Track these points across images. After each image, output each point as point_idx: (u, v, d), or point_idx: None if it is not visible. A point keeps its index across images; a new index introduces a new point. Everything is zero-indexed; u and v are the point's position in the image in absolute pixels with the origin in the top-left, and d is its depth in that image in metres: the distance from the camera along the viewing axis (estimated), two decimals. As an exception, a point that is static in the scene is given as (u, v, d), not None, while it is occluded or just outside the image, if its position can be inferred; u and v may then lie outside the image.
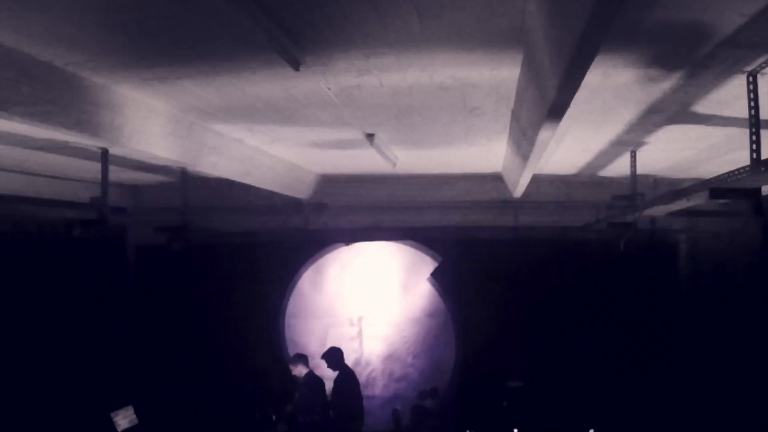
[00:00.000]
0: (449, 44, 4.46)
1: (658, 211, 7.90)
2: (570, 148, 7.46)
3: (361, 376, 11.14)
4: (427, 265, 11.46)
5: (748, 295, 9.19)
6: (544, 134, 4.81)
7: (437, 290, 11.45)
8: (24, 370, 8.78)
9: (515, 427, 9.77)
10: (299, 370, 10.17)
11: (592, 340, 10.68)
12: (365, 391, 10.83)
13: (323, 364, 10.27)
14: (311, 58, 4.65)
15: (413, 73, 4.97)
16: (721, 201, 6.47)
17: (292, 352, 11.09)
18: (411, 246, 11.40)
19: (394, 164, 8.33)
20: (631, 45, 4.33)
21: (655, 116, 6.01)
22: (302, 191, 10.12)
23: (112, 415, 9.26)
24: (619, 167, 8.49)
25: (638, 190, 7.88)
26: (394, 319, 11.69)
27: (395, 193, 10.70)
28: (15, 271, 8.73)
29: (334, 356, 10.13)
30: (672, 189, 6.99)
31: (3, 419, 8.19)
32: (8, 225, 8.60)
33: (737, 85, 5.04)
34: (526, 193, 8.78)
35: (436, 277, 11.30)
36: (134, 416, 9.57)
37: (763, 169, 5.18)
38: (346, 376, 10.10)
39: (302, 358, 10.30)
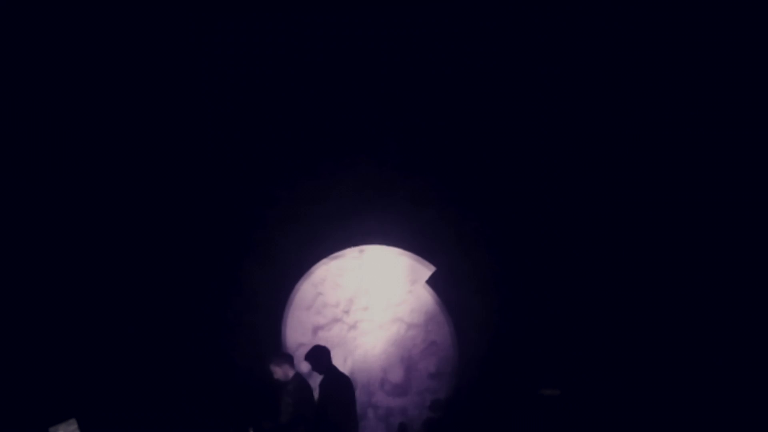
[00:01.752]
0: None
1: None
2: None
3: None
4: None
5: None
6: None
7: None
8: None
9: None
10: (284, 373, 8.93)
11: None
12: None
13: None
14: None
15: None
16: None
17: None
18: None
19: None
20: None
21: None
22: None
23: (51, 430, 8.23)
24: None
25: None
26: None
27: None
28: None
29: (318, 356, 8.88)
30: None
31: None
32: None
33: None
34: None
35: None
36: (78, 432, 8.52)
37: None
38: (335, 380, 8.82)
39: (287, 358, 9.07)
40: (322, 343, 10.71)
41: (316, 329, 11.04)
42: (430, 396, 10.73)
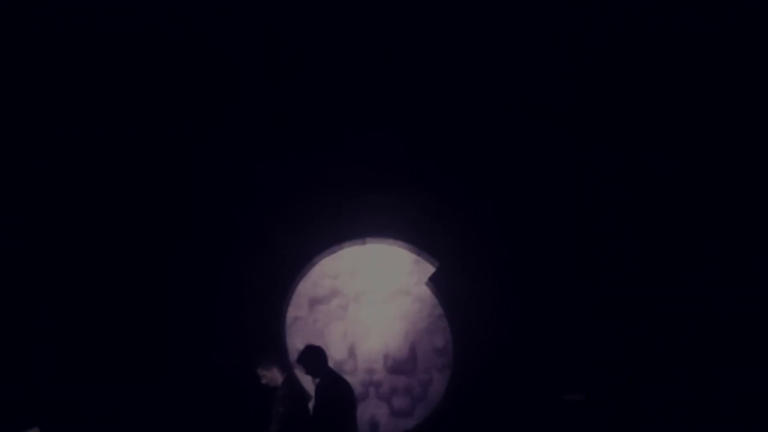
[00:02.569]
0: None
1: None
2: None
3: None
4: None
5: None
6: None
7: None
8: None
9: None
10: (273, 377, 8.09)
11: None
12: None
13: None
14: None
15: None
16: None
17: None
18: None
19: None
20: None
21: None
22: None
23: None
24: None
25: None
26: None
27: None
28: None
29: (313, 358, 8.00)
30: None
31: None
32: None
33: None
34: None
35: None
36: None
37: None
38: (333, 385, 7.98)
39: (276, 360, 8.22)
40: (320, 316, 10.17)
41: (314, 302, 10.40)
42: (437, 373, 10.17)
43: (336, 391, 8.02)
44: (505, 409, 9.02)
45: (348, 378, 9.47)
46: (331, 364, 8.86)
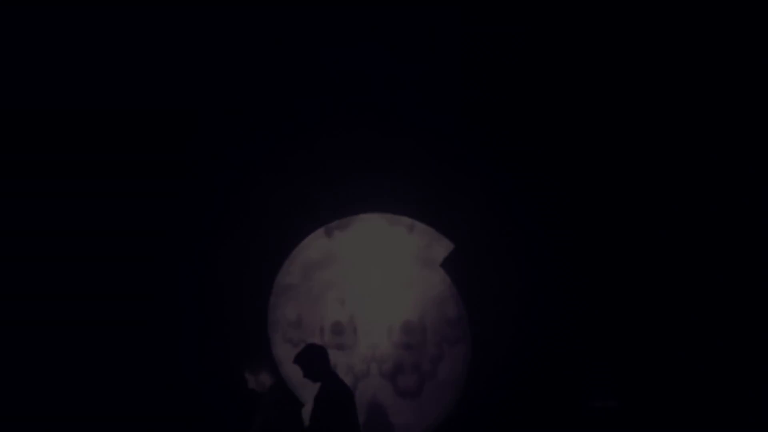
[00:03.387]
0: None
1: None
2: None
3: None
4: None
5: None
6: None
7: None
8: None
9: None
10: (260, 382, 7.45)
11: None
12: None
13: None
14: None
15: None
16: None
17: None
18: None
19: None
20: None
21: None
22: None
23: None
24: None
25: None
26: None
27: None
28: None
29: (312, 358, 7.23)
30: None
31: None
32: None
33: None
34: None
35: None
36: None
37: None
38: (334, 389, 7.17)
39: (265, 363, 7.67)
40: (315, 285, 9.23)
41: (308, 267, 9.33)
42: (448, 347, 9.20)
43: (339, 398, 7.18)
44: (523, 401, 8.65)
45: (347, 354, 8.81)
46: (328, 339, 8.16)
